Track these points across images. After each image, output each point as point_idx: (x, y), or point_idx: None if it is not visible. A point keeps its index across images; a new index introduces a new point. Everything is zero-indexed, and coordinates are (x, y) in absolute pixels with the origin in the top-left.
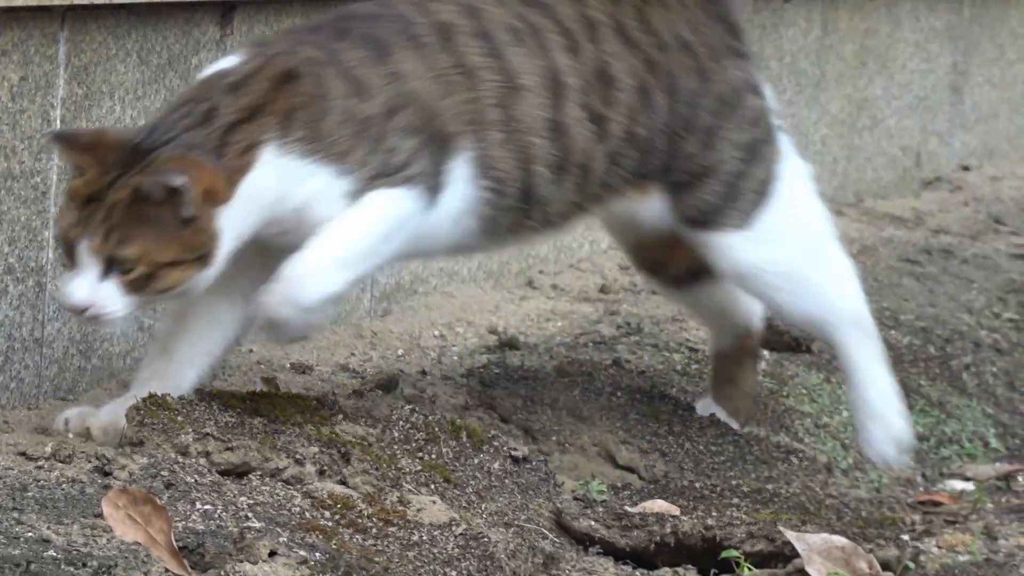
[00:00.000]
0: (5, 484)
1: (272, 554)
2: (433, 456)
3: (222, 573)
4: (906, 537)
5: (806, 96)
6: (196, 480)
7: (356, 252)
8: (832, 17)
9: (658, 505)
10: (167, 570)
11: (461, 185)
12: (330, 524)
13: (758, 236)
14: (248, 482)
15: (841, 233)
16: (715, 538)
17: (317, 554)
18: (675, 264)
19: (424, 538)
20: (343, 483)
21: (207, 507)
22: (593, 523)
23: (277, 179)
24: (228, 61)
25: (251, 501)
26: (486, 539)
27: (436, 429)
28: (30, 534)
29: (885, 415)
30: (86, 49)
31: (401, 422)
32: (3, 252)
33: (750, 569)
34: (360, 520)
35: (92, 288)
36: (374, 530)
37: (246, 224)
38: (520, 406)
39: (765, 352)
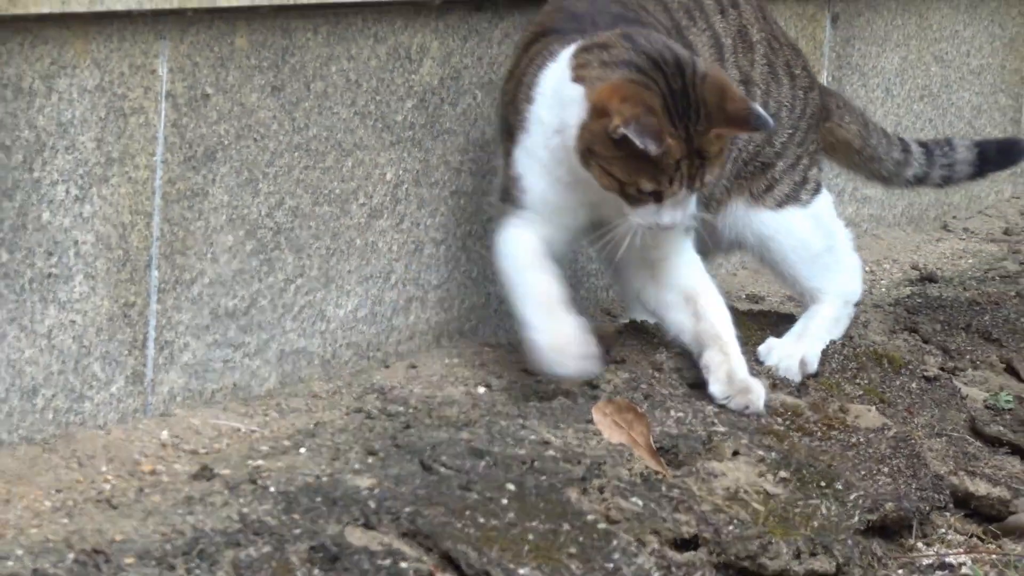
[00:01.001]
0: (510, 396)
1: (735, 453)
2: (866, 382)
3: (693, 469)
4: None
5: None
6: (670, 392)
7: None
8: None
9: None
10: (647, 467)
11: None
12: (782, 429)
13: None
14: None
15: None
16: None
17: (772, 453)
18: None
19: (861, 440)
20: (792, 394)
21: (679, 415)
22: (1002, 428)
23: None
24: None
25: (716, 409)
26: (913, 441)
27: (864, 359)
28: (533, 437)
29: (806, 339)
30: None
31: (836, 355)
32: None
33: None
34: (807, 425)
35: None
36: (819, 433)
37: None
38: (939, 330)
39: None
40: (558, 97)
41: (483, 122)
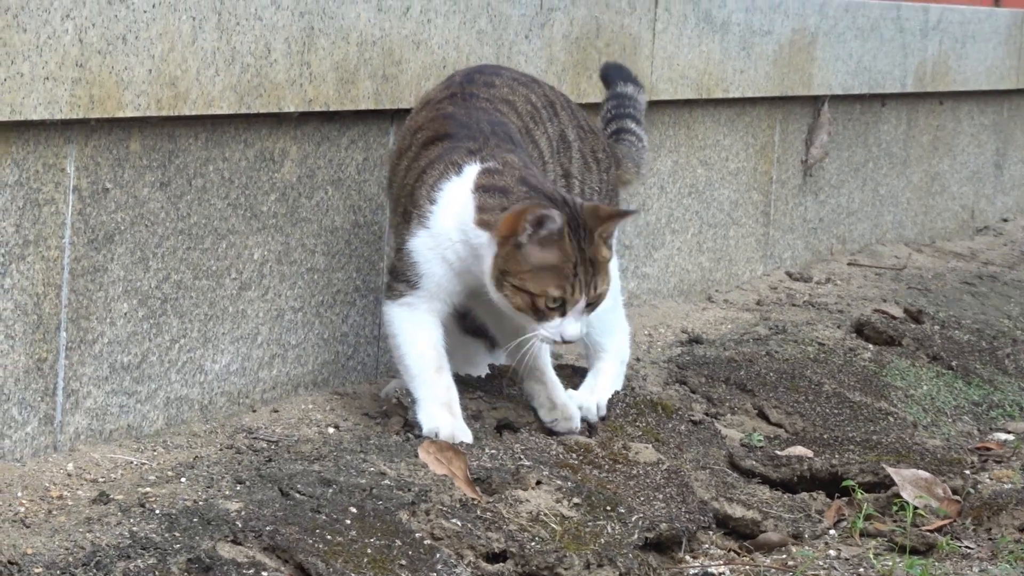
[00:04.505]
0: (354, 435)
1: (537, 483)
2: (644, 424)
3: (503, 496)
4: (968, 472)
5: (896, 171)
6: (484, 431)
7: None
8: (914, 116)
9: (798, 450)
10: (465, 494)
11: None
12: (576, 463)
13: None
14: (520, 434)
15: (920, 265)
16: (837, 473)
17: (568, 483)
18: None
19: (640, 472)
20: (585, 435)
21: (492, 451)
22: (754, 463)
23: None
24: None
25: (523, 447)
26: (683, 473)
27: (642, 406)
28: (372, 469)
29: (598, 391)
30: None
31: (620, 403)
32: (353, 277)
33: (862, 493)
34: (597, 460)
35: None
36: (606, 467)
37: None
38: (703, 382)
39: (870, 344)
40: (464, 226)
41: (333, 212)
